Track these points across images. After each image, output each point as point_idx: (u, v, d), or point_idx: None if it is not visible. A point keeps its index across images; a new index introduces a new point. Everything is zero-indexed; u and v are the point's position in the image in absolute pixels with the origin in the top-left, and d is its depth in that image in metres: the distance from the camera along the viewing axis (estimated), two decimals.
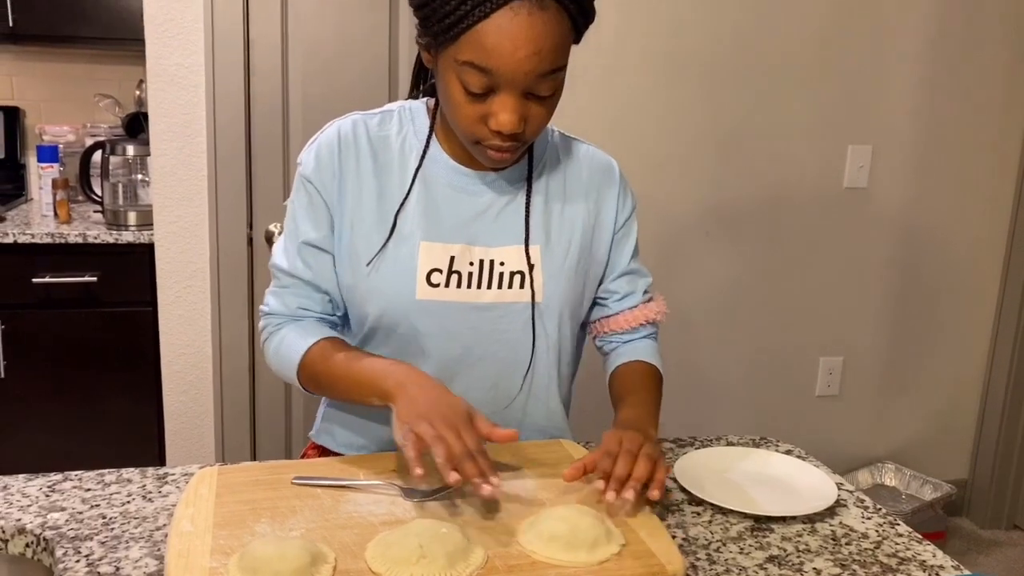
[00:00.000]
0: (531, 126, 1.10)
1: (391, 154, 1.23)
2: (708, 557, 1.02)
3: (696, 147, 2.70)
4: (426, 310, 1.20)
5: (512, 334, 1.23)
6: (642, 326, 1.35)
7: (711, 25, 2.62)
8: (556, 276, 1.24)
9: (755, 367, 2.91)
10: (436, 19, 1.04)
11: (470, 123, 1.10)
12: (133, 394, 2.75)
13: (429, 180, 1.22)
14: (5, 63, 3.16)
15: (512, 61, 1.03)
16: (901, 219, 2.92)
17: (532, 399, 1.28)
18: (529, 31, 1.02)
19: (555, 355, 1.27)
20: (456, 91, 1.08)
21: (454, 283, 1.20)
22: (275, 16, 2.37)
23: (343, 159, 1.21)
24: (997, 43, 2.84)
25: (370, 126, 1.23)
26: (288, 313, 1.24)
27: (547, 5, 1.02)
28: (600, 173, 1.31)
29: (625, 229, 1.33)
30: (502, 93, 1.06)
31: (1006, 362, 3.04)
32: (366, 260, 1.20)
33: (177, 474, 1.16)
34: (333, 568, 0.91)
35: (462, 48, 1.04)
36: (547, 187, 1.26)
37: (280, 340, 1.23)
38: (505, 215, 1.23)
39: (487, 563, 0.93)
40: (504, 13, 1.01)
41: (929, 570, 1.01)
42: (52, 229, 2.69)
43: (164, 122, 2.39)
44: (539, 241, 1.23)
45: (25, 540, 1.00)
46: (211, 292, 2.50)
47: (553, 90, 1.09)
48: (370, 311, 1.22)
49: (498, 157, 1.13)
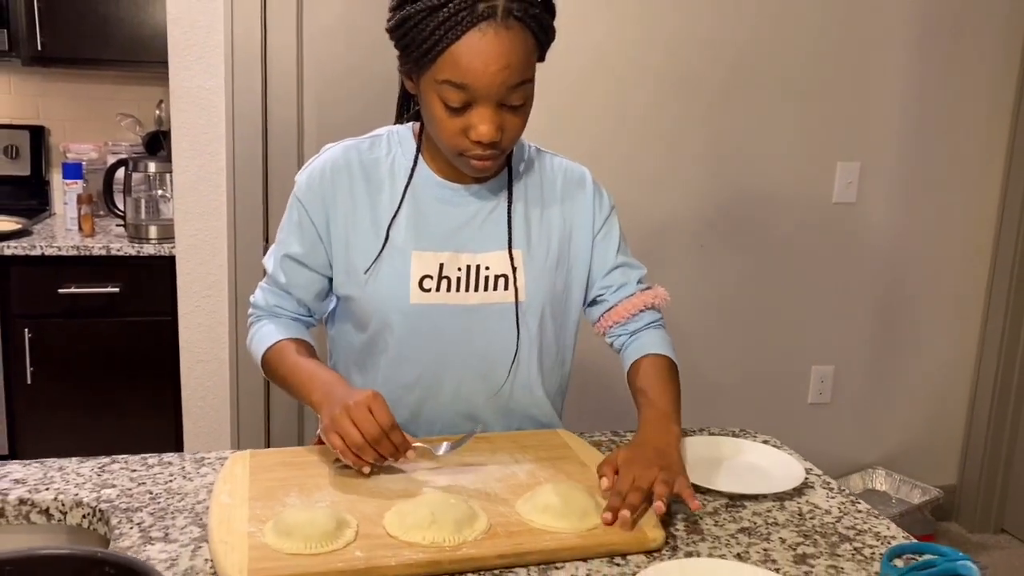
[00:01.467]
0: (507, 134, 1.23)
1: (381, 174, 1.36)
2: (686, 528, 1.15)
3: (690, 163, 2.82)
4: (420, 313, 1.33)
5: (498, 332, 1.36)
6: (643, 312, 1.44)
7: (705, 45, 2.74)
8: (537, 278, 1.37)
9: (749, 375, 3.02)
10: (415, 46, 1.18)
11: (452, 136, 1.23)
12: (153, 400, 2.88)
13: (418, 195, 1.35)
14: (32, 84, 3.31)
15: (485, 76, 1.16)
16: (889, 233, 3.03)
17: (518, 388, 1.41)
18: (497, 48, 1.15)
19: (537, 349, 1.40)
20: (438, 108, 1.21)
21: (444, 287, 1.33)
22: (291, 42, 2.51)
23: (335, 184, 1.34)
24: (982, 62, 2.96)
25: (361, 150, 1.37)
26: (267, 308, 1.42)
27: (511, 24, 1.16)
28: (573, 182, 1.44)
29: (605, 229, 1.45)
30: (479, 106, 1.19)
31: (992, 369, 3.14)
32: (363, 270, 1.33)
33: (212, 458, 1.29)
34: (356, 533, 1.04)
35: (439, 68, 1.17)
36: (526, 196, 1.39)
37: (256, 330, 1.41)
38: (488, 223, 1.36)
39: (490, 529, 1.06)
40: (473, 34, 1.14)
41: (883, 540, 1.14)
42: (77, 242, 2.83)
43: (186, 141, 2.53)
44: (521, 246, 1.36)
45: (82, 512, 1.13)
46: (229, 303, 2.63)
47: (524, 100, 1.23)
48: (370, 316, 1.36)
49: (480, 166, 1.26)
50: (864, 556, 1.10)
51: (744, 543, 1.11)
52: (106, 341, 2.85)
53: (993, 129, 3.03)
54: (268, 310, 1.42)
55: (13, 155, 3.28)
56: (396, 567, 0.99)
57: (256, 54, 2.49)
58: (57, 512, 1.14)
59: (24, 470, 1.22)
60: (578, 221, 1.42)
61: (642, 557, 1.07)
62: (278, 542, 1.00)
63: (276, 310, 1.41)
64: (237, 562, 0.96)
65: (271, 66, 2.52)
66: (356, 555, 0.99)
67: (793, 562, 1.07)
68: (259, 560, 0.97)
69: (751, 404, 3.02)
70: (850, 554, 1.10)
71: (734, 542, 1.12)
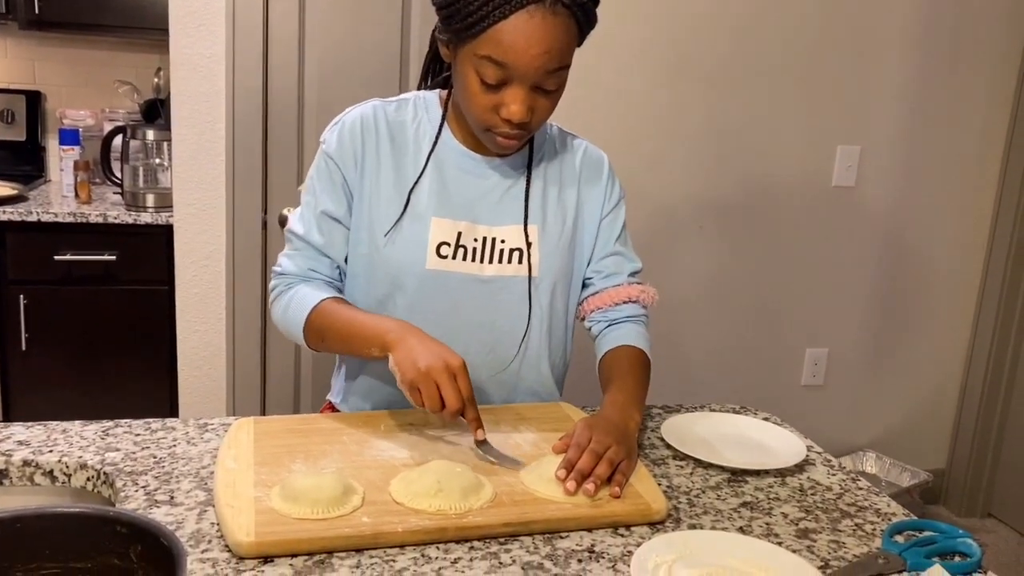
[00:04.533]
0: (536, 116, 1.25)
1: (406, 138, 1.36)
2: (689, 502, 1.15)
3: (691, 145, 2.82)
4: (434, 279, 1.34)
5: (510, 305, 1.37)
6: (626, 304, 1.44)
7: (705, 28, 2.74)
8: (551, 254, 1.38)
9: (744, 356, 3.04)
10: (459, 18, 1.18)
11: (482, 111, 1.24)
12: (148, 368, 2.88)
13: (441, 162, 1.35)
14: (29, 48, 3.28)
15: (525, 57, 1.17)
16: (887, 217, 3.04)
17: (526, 364, 1.42)
18: (542, 32, 1.16)
19: (547, 325, 1.41)
20: (473, 82, 1.22)
21: (460, 256, 1.34)
22: (293, 11, 2.49)
23: (364, 141, 1.34)
24: (983, 46, 2.96)
25: (388, 112, 1.37)
26: (299, 274, 1.37)
27: (559, 11, 1.17)
28: (591, 165, 1.45)
29: (612, 216, 1.45)
30: (514, 86, 1.20)
31: (984, 356, 3.17)
32: (383, 232, 1.34)
33: (216, 423, 1.29)
34: (362, 499, 1.04)
35: (481, 44, 1.18)
36: (545, 174, 1.40)
37: (291, 296, 1.35)
38: (507, 197, 1.37)
39: (495, 498, 1.07)
40: (521, 15, 1.15)
41: (883, 516, 1.15)
42: (73, 209, 2.81)
43: (185, 109, 2.51)
44: (536, 222, 1.37)
45: (87, 474, 1.13)
46: (226, 273, 2.62)
47: (558, 85, 1.24)
48: (384, 278, 1.36)
49: (505, 143, 1.27)
50: (865, 532, 1.11)
51: (747, 517, 1.12)
52: (102, 309, 2.84)
53: (993, 114, 3.04)
54: (301, 275, 1.37)
55: (9, 120, 3.25)
56: (403, 533, 0.99)
57: (257, 22, 2.46)
58: (61, 474, 1.14)
59: (27, 432, 1.22)
60: (590, 203, 1.43)
61: (646, 528, 1.07)
62: (285, 507, 1.01)
63: (310, 274, 1.37)
64: (244, 525, 0.97)
65: (272, 34, 2.49)
66: (363, 521, 1.00)
67: (795, 537, 1.08)
68: (266, 524, 0.97)
69: (745, 385, 3.04)
70: (851, 530, 1.11)
71: (736, 516, 1.12)
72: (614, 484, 1.11)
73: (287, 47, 2.51)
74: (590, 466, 1.11)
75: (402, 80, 2.59)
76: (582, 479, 1.10)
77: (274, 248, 2.61)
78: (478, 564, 0.97)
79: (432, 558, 0.98)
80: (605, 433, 1.16)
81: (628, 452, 1.16)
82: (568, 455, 1.13)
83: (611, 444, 1.14)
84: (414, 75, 2.58)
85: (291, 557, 0.96)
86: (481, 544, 1.01)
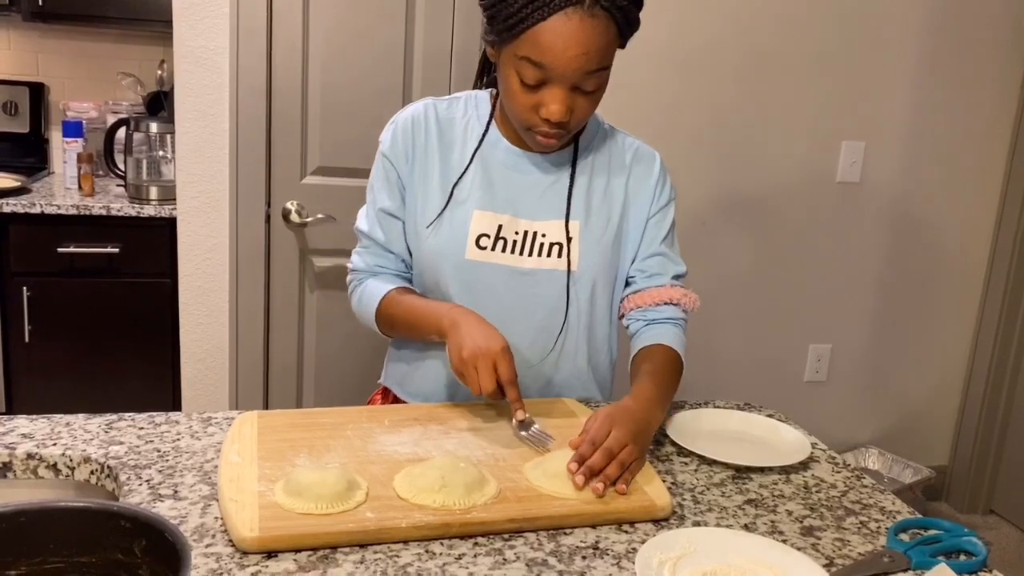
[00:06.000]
0: (576, 116, 1.27)
1: (455, 134, 1.41)
2: (693, 499, 1.15)
3: (695, 141, 2.81)
4: (473, 269, 1.37)
5: (548, 299, 1.39)
6: (666, 305, 1.43)
7: (709, 23, 2.73)
8: (592, 249, 1.39)
9: (747, 352, 3.04)
10: (501, 19, 1.22)
11: (523, 110, 1.27)
12: (151, 361, 2.89)
13: (486, 158, 1.39)
14: (32, 40, 3.27)
15: (563, 58, 1.19)
16: (891, 213, 3.04)
17: (563, 358, 1.43)
18: (579, 34, 1.18)
19: (586, 321, 1.42)
20: (514, 82, 1.25)
21: (499, 248, 1.37)
22: (297, 3, 2.48)
23: (415, 137, 1.40)
24: (988, 42, 2.95)
25: (439, 109, 1.42)
26: (368, 269, 1.46)
27: (597, 13, 1.19)
28: (643, 160, 1.46)
29: (660, 215, 1.45)
30: (552, 86, 1.23)
31: (987, 353, 3.16)
32: (426, 224, 1.39)
33: (219, 417, 1.29)
34: (366, 494, 1.04)
35: (521, 45, 1.21)
36: (592, 168, 1.42)
37: (362, 291, 1.45)
38: (550, 192, 1.39)
39: (499, 494, 1.07)
40: (558, 17, 1.18)
41: (888, 514, 1.15)
42: (77, 201, 2.81)
43: (189, 102, 2.51)
44: (579, 217, 1.39)
45: (90, 468, 1.13)
46: (229, 265, 2.62)
47: (597, 86, 1.26)
48: (426, 268, 1.41)
49: (545, 142, 1.30)
50: (870, 530, 1.10)
51: (751, 514, 1.12)
52: (104, 301, 2.84)
53: (998, 110, 3.04)
54: (369, 271, 1.46)
55: (12, 111, 3.25)
56: (407, 529, 0.99)
57: (261, 14, 2.46)
58: (65, 467, 1.14)
59: (31, 425, 1.22)
60: (638, 198, 1.44)
61: (650, 525, 1.07)
62: (289, 501, 1.00)
63: (377, 269, 1.45)
64: (248, 520, 0.97)
65: (276, 26, 2.49)
66: (367, 516, 1.00)
67: (800, 534, 1.08)
68: (270, 519, 0.97)
69: (748, 381, 3.04)
70: (856, 527, 1.11)
71: (741, 513, 1.12)
72: (621, 482, 1.11)
73: (291, 39, 2.51)
74: (601, 465, 1.10)
75: (406, 71, 2.58)
76: (592, 476, 1.10)
77: (277, 240, 2.61)
78: (482, 560, 0.97)
79: (436, 554, 0.98)
80: (624, 429, 1.14)
81: (641, 451, 1.15)
82: (581, 449, 1.12)
83: (627, 443, 1.13)
84: (418, 64, 2.58)
85: (295, 552, 0.96)
86: (485, 540, 1.01)
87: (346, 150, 2.59)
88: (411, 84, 2.60)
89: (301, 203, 2.59)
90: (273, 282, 2.65)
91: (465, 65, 2.57)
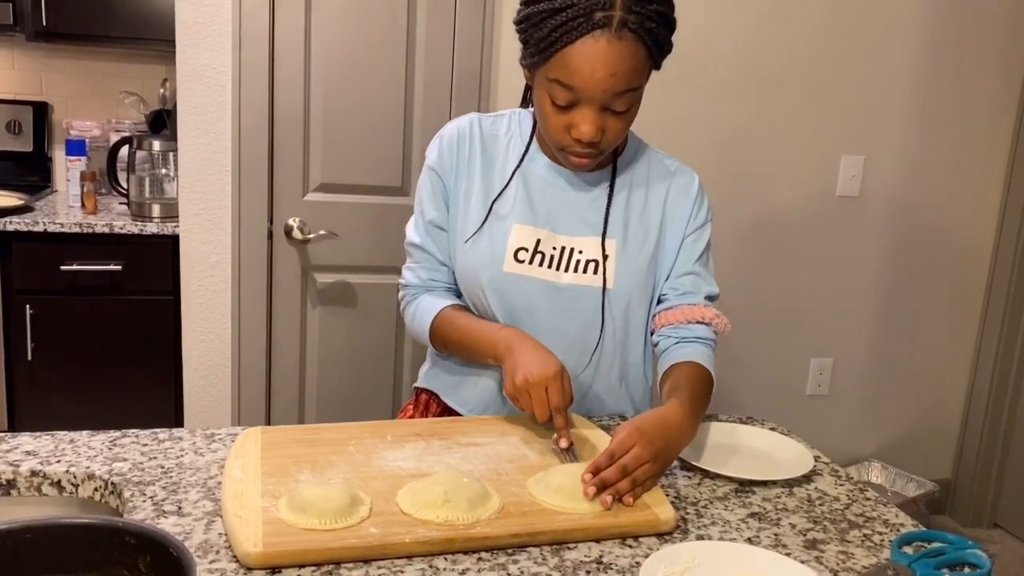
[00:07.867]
0: (608, 137, 1.30)
1: (497, 150, 1.44)
2: (697, 512, 1.15)
3: (696, 155, 2.78)
4: (511, 282, 1.39)
5: (584, 314, 1.41)
6: (698, 324, 1.42)
7: (709, 36, 2.74)
8: (628, 267, 1.41)
9: (749, 366, 3.03)
10: (533, 42, 1.25)
11: (555, 131, 1.30)
12: (153, 378, 2.89)
13: (527, 175, 1.42)
14: (36, 60, 3.30)
15: (592, 80, 1.22)
16: (891, 227, 3.04)
17: (598, 374, 1.45)
18: (607, 56, 1.21)
19: (621, 337, 1.44)
20: (546, 103, 1.28)
21: (537, 262, 1.39)
22: (299, 22, 2.50)
23: (459, 151, 1.44)
24: (987, 56, 2.96)
25: (484, 125, 1.46)
26: (421, 284, 1.48)
27: (624, 35, 1.21)
28: (681, 180, 1.48)
29: (696, 235, 1.46)
30: (583, 107, 1.26)
31: (989, 366, 3.16)
32: (465, 238, 1.42)
33: (223, 434, 1.29)
34: (369, 510, 1.04)
35: (551, 67, 1.24)
36: (630, 185, 1.44)
37: (416, 307, 1.47)
38: (588, 210, 1.41)
39: (503, 509, 1.07)
40: (586, 40, 1.21)
41: (892, 527, 1.15)
42: (79, 219, 2.82)
43: (192, 119, 2.52)
44: (616, 235, 1.41)
45: (94, 485, 1.14)
46: (232, 282, 2.63)
47: (628, 106, 1.28)
48: (465, 281, 1.43)
49: (578, 162, 1.33)
50: (873, 543, 1.10)
51: (754, 528, 1.12)
52: (107, 319, 2.85)
53: (997, 124, 3.04)
54: (423, 285, 1.48)
55: (16, 131, 3.27)
56: (410, 544, 0.99)
57: (264, 33, 2.47)
58: (69, 484, 1.14)
59: (35, 442, 1.22)
60: (675, 217, 1.45)
61: (654, 539, 1.07)
62: (292, 517, 1.01)
63: (430, 284, 1.47)
64: (252, 536, 0.97)
65: (278, 45, 2.51)
66: (370, 531, 1.00)
67: (803, 547, 1.08)
68: (274, 534, 0.98)
69: (750, 395, 3.03)
70: (860, 540, 1.11)
71: (744, 526, 1.12)
72: (629, 495, 1.11)
73: (293, 58, 2.52)
74: (614, 479, 1.11)
75: (408, 88, 2.59)
76: (603, 488, 1.10)
77: (280, 257, 2.62)
78: (486, 575, 0.97)
79: (440, 569, 0.98)
80: (650, 448, 1.13)
81: (661, 469, 1.15)
82: (599, 460, 1.12)
83: (646, 461, 1.12)
84: (419, 84, 2.59)
85: (299, 568, 0.96)
86: (489, 555, 1.01)
87: (348, 167, 2.60)
88: (412, 100, 2.61)
89: (303, 220, 2.60)
90: (275, 299, 2.66)
91: (466, 76, 2.59)
